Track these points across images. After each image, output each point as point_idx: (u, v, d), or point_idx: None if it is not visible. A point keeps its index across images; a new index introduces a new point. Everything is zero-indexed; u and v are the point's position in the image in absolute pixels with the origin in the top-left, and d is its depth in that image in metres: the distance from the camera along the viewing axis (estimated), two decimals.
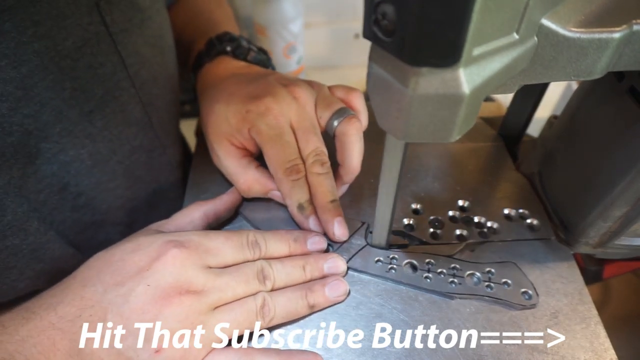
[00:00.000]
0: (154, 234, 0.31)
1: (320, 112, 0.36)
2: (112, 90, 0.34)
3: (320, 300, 0.31)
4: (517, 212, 0.37)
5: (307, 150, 0.34)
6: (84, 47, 0.30)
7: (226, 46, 0.42)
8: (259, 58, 0.43)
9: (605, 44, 0.21)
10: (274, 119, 0.34)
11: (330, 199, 0.34)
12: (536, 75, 0.23)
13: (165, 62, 0.40)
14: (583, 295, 0.32)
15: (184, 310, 0.27)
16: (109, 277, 0.27)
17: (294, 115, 0.35)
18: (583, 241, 0.34)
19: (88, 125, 0.33)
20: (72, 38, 0.29)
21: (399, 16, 0.17)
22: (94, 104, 0.32)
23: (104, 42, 0.32)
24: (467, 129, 0.21)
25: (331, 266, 0.32)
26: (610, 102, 0.30)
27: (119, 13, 0.32)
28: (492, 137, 0.44)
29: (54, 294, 0.27)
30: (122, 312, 0.26)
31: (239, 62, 0.42)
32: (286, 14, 0.70)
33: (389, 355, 0.29)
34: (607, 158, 0.30)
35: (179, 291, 0.27)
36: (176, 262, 0.28)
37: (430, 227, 0.36)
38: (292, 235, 0.34)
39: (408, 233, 0.36)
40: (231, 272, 0.29)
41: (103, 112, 0.33)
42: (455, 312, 0.31)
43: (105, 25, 0.31)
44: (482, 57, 0.19)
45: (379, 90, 0.21)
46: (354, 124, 0.35)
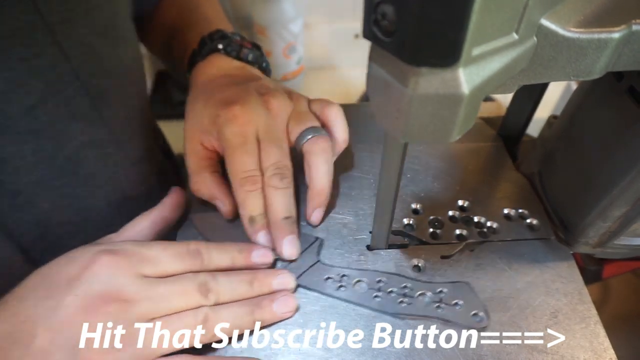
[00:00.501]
0: (94, 246, 0.29)
1: (292, 127, 0.36)
2: (54, 83, 0.32)
3: (267, 316, 0.30)
4: (516, 212, 0.37)
5: (267, 162, 0.34)
6: (14, 38, 0.28)
7: (217, 44, 0.42)
8: (252, 55, 0.43)
9: (604, 44, 0.21)
10: (240, 127, 0.34)
11: (283, 215, 0.33)
12: (536, 75, 0.23)
13: (119, 54, 0.38)
14: (583, 295, 0.32)
15: (111, 320, 0.26)
16: (41, 290, 0.27)
17: (262, 126, 0.35)
18: (583, 241, 0.34)
19: (31, 120, 0.31)
20: (1, 27, 0.28)
21: (399, 16, 0.17)
22: (35, 97, 0.31)
23: (39, 32, 0.30)
24: (467, 129, 0.21)
25: (280, 282, 0.31)
26: (610, 102, 0.30)
27: (57, 2, 0.31)
28: (492, 137, 0.44)
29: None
30: (51, 324, 0.25)
31: (232, 61, 0.42)
32: (286, 14, 0.70)
33: (389, 355, 0.29)
34: (607, 158, 0.31)
35: (106, 300, 0.26)
36: (106, 270, 0.27)
37: (430, 227, 0.36)
38: (237, 246, 0.32)
39: (408, 233, 0.36)
40: (168, 282, 0.28)
41: (46, 106, 0.32)
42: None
43: (40, 14, 0.30)
44: (481, 57, 0.19)
45: (379, 90, 0.21)
46: (321, 144, 0.34)
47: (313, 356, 0.29)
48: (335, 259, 0.34)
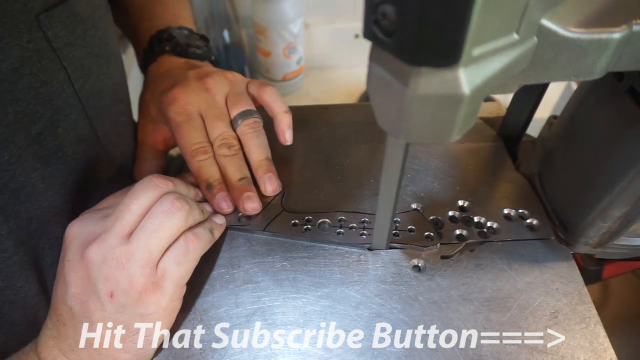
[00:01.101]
0: None
1: (229, 107, 0.39)
2: (62, 108, 0.32)
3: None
4: (516, 212, 0.37)
5: (214, 134, 0.37)
6: (22, 68, 0.29)
7: (165, 46, 0.44)
8: (198, 53, 0.45)
9: (605, 44, 0.21)
10: (181, 107, 0.37)
11: (238, 177, 0.37)
12: (536, 75, 0.23)
13: (111, 72, 0.39)
14: (583, 295, 0.32)
15: (99, 253, 0.28)
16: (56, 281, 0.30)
17: (202, 104, 0.38)
18: (583, 241, 0.34)
19: (38, 148, 0.31)
20: (9, 60, 0.28)
21: (399, 16, 0.17)
22: (41, 125, 0.31)
23: (46, 58, 0.30)
24: (467, 129, 0.21)
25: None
26: (610, 102, 0.30)
27: (60, 26, 0.31)
28: (492, 137, 0.44)
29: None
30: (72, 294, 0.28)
31: (179, 59, 0.44)
32: (286, 14, 0.70)
33: (389, 355, 0.29)
34: (607, 158, 0.31)
35: (86, 245, 0.28)
36: (78, 229, 0.29)
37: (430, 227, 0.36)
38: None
39: (409, 243, 0.36)
40: (124, 200, 0.30)
41: (55, 132, 0.32)
42: (455, 312, 0.31)
43: (48, 40, 0.30)
44: (482, 57, 0.19)
45: (379, 91, 0.21)
46: (251, 124, 0.38)
47: (313, 356, 0.29)
48: (335, 258, 0.34)
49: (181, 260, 0.29)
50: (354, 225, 0.36)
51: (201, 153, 0.36)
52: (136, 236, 0.28)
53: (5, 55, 0.27)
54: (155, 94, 0.40)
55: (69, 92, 0.33)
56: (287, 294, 0.33)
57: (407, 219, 0.36)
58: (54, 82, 0.31)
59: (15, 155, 0.30)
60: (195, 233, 0.31)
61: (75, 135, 0.34)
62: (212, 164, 0.37)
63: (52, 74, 0.31)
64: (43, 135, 0.31)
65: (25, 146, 0.30)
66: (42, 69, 0.30)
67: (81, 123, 0.35)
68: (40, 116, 0.31)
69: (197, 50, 0.45)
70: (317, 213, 0.37)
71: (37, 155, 0.31)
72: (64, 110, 0.33)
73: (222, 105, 0.39)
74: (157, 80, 0.42)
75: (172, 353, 0.30)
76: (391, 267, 0.34)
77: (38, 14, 0.29)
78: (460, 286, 0.33)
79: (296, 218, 0.37)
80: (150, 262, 0.28)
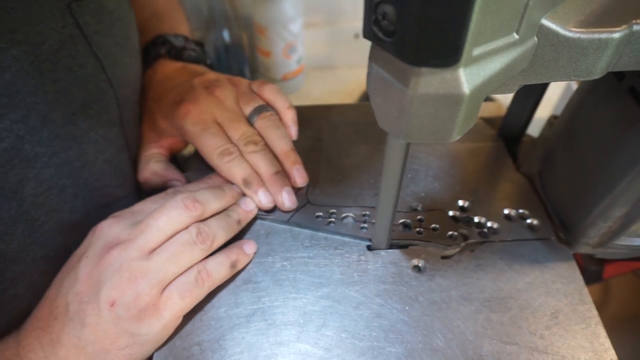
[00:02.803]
0: None
1: (242, 107, 0.40)
2: (94, 91, 0.34)
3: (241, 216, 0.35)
4: (517, 212, 0.37)
5: (236, 136, 0.37)
6: (61, 50, 0.31)
7: (160, 49, 0.45)
8: (194, 56, 0.46)
9: (605, 44, 0.21)
10: (197, 117, 0.38)
11: (272, 171, 0.37)
12: (536, 75, 0.23)
13: (133, 64, 0.40)
14: (583, 295, 0.32)
15: (117, 260, 0.29)
16: (63, 272, 0.31)
17: (216, 112, 0.38)
18: (583, 241, 0.34)
19: (72, 127, 0.33)
20: (49, 42, 0.30)
21: (399, 16, 0.17)
22: (76, 106, 0.33)
23: (79, 44, 0.32)
24: (467, 129, 0.21)
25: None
26: (610, 102, 0.30)
27: (89, 15, 0.33)
28: (492, 137, 0.44)
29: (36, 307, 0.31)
30: (76, 291, 0.29)
31: (175, 63, 0.45)
32: (286, 14, 0.70)
33: (389, 356, 0.29)
34: (607, 158, 0.30)
35: (107, 248, 0.29)
36: (106, 229, 0.31)
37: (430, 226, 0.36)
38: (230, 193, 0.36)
39: (411, 243, 0.36)
40: (153, 214, 0.31)
41: (86, 113, 0.34)
42: (456, 312, 0.31)
43: (79, 27, 0.32)
44: (482, 57, 0.19)
45: (379, 91, 0.21)
46: (268, 117, 0.39)
47: (313, 356, 0.29)
48: (335, 258, 0.34)
49: (185, 295, 0.29)
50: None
51: (228, 154, 0.37)
52: (156, 256, 0.29)
53: (45, 37, 0.29)
54: (162, 106, 0.41)
55: (102, 78, 0.35)
56: (287, 294, 0.32)
57: (431, 217, 0.37)
58: (88, 67, 0.33)
59: (53, 132, 0.31)
60: (210, 269, 0.31)
61: (108, 119, 0.36)
62: (242, 161, 0.37)
63: (86, 59, 0.33)
64: (76, 115, 0.33)
65: (62, 124, 0.32)
66: (78, 53, 0.32)
67: (112, 108, 0.36)
68: (76, 97, 0.32)
69: (192, 53, 0.45)
70: (341, 207, 0.37)
71: (71, 134, 0.33)
72: (96, 93, 0.34)
73: (235, 108, 0.39)
74: (159, 89, 0.42)
75: (172, 353, 0.30)
76: (391, 267, 0.34)
77: (69, 2, 0.31)
78: (461, 286, 0.33)
79: (320, 211, 0.37)
80: (160, 285, 0.29)
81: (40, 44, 0.29)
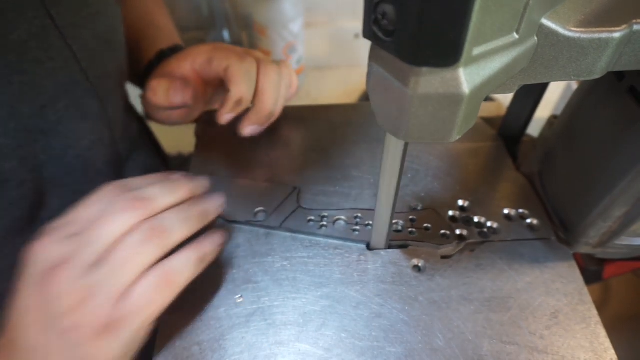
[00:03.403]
0: None
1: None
2: (64, 84, 0.33)
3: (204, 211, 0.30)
4: (517, 212, 0.37)
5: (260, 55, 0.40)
6: (30, 41, 0.30)
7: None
8: None
9: (605, 44, 0.21)
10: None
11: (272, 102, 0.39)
12: (536, 75, 0.23)
13: (116, 57, 0.40)
14: (583, 295, 0.32)
15: (63, 284, 0.25)
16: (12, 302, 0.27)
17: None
18: (583, 241, 0.34)
19: (40, 120, 0.32)
20: (17, 32, 0.29)
21: (398, 16, 0.17)
22: (45, 98, 0.32)
23: (52, 35, 0.32)
24: (467, 129, 0.21)
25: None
26: (610, 102, 0.30)
27: (65, 7, 0.32)
28: (492, 137, 0.44)
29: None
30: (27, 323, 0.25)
31: None
32: (286, 14, 0.70)
33: (389, 356, 0.29)
34: (607, 158, 0.30)
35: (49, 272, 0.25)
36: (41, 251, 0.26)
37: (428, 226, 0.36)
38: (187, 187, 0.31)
39: (410, 242, 0.36)
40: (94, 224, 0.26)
41: (56, 106, 0.33)
42: (455, 312, 0.31)
43: (52, 18, 0.31)
44: (482, 57, 0.19)
45: (379, 90, 0.21)
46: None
47: (313, 356, 0.29)
48: (335, 258, 0.34)
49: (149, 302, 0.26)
50: (369, 222, 0.36)
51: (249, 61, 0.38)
52: (104, 267, 0.25)
53: (14, 27, 0.29)
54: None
55: (75, 70, 0.34)
56: (287, 294, 0.32)
57: (423, 217, 0.37)
58: (59, 59, 0.32)
59: (21, 124, 0.30)
60: (174, 267, 0.27)
61: (80, 112, 0.35)
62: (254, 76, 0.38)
63: (58, 51, 0.32)
64: (46, 108, 0.32)
65: (29, 117, 0.31)
66: (49, 45, 0.31)
67: (88, 101, 0.36)
68: (45, 89, 0.32)
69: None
70: (333, 210, 0.37)
71: (39, 127, 0.32)
72: (67, 86, 0.34)
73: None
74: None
75: (172, 353, 0.30)
76: (391, 267, 0.34)
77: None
78: (461, 286, 0.33)
79: (312, 215, 0.37)
80: (115, 298, 0.25)
81: (7, 35, 0.29)
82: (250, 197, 0.38)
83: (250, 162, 0.42)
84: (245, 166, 0.42)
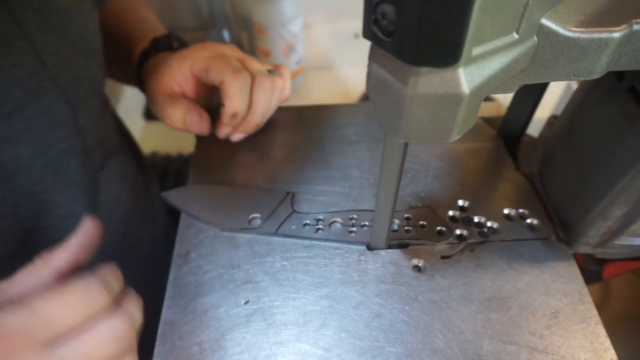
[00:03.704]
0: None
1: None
2: (32, 91, 0.32)
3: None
4: (517, 212, 0.37)
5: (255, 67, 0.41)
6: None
7: (173, 42, 0.46)
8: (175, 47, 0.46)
9: (605, 44, 0.21)
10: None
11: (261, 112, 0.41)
12: (536, 75, 0.23)
13: (90, 64, 0.39)
14: (583, 295, 0.32)
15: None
16: None
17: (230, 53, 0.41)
18: (583, 241, 0.34)
19: (7, 128, 0.31)
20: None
21: (398, 16, 0.17)
22: (12, 105, 0.31)
23: (18, 41, 0.31)
24: (467, 129, 0.21)
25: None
26: (610, 102, 0.30)
27: (32, 12, 0.31)
28: (492, 137, 0.44)
29: None
30: None
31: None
32: (286, 14, 0.70)
33: (389, 356, 0.29)
34: (607, 158, 0.30)
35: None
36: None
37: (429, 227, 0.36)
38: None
39: (409, 242, 0.36)
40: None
41: (24, 114, 0.32)
42: (455, 312, 0.31)
43: (17, 23, 0.30)
44: (481, 57, 0.19)
45: (379, 90, 0.21)
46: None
47: (313, 356, 0.29)
48: (335, 258, 0.34)
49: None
50: (365, 223, 0.36)
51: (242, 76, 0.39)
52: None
53: None
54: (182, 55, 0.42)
55: (43, 76, 0.33)
56: (287, 294, 0.32)
57: (419, 215, 0.37)
58: (25, 65, 0.32)
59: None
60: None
61: (49, 119, 0.34)
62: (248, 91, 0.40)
63: (24, 57, 0.31)
64: (13, 115, 0.31)
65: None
66: (15, 51, 0.31)
67: (58, 108, 0.35)
68: (12, 97, 0.31)
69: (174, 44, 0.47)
70: (327, 213, 0.37)
71: (5, 135, 0.31)
72: (35, 93, 0.33)
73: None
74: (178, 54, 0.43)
75: (172, 353, 0.30)
76: (391, 267, 0.34)
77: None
78: (461, 286, 0.33)
79: (307, 219, 0.37)
80: None
81: None
82: (244, 204, 0.38)
83: (251, 162, 0.42)
84: (246, 166, 0.42)
